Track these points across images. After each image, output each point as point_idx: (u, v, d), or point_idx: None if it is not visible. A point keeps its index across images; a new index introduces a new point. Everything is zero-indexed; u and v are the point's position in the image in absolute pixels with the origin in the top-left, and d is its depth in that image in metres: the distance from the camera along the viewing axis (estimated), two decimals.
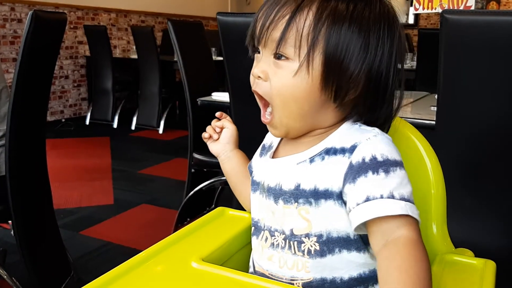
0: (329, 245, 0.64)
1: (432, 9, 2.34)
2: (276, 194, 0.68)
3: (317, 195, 0.63)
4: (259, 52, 0.67)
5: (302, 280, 0.66)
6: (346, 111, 0.67)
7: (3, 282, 1.61)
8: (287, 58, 0.63)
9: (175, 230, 0.71)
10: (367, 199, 0.58)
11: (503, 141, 1.14)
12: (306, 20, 0.62)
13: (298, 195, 0.65)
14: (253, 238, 0.75)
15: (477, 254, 0.78)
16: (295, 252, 0.66)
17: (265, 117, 0.69)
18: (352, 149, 0.62)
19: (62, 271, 1.75)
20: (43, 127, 1.64)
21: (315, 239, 0.65)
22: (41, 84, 1.57)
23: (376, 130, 0.64)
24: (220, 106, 2.11)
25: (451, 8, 1.86)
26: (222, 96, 2.07)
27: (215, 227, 0.83)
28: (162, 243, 0.74)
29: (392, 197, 0.57)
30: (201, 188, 2.18)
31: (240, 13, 1.46)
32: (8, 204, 1.47)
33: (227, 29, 1.57)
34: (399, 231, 0.57)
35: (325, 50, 0.61)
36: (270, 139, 0.79)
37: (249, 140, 0.90)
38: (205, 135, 0.86)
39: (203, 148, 2.29)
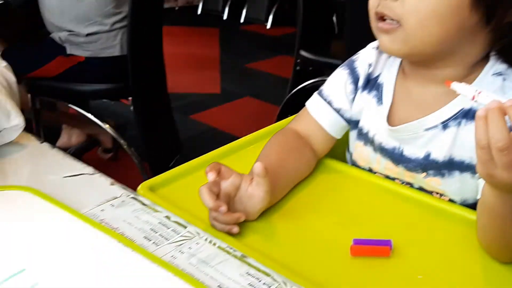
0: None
1: None
2: (396, 158, 0.61)
3: (452, 167, 0.57)
4: None
5: None
6: (495, 45, 0.54)
7: (123, 153, 1.82)
8: None
9: None
10: None
11: None
12: None
13: (427, 165, 0.59)
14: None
15: None
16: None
17: (387, 24, 0.54)
18: None
19: (173, 148, 1.93)
20: (160, 13, 1.71)
21: (447, 199, 0.60)
22: None
23: None
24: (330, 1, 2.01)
25: None
26: None
27: None
28: (262, 132, 0.78)
29: None
30: (304, 87, 2.18)
31: None
32: (128, 82, 1.61)
33: None
34: None
35: None
36: (378, 69, 0.64)
37: None
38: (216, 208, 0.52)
39: (311, 46, 2.25)
